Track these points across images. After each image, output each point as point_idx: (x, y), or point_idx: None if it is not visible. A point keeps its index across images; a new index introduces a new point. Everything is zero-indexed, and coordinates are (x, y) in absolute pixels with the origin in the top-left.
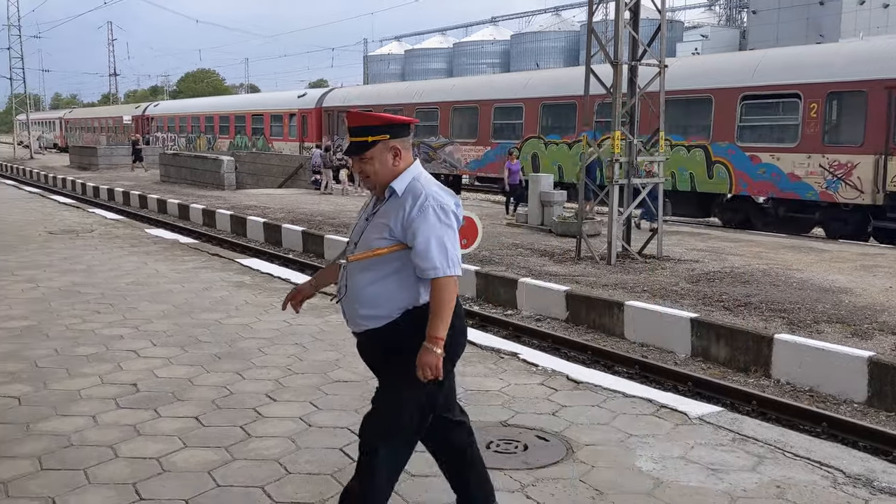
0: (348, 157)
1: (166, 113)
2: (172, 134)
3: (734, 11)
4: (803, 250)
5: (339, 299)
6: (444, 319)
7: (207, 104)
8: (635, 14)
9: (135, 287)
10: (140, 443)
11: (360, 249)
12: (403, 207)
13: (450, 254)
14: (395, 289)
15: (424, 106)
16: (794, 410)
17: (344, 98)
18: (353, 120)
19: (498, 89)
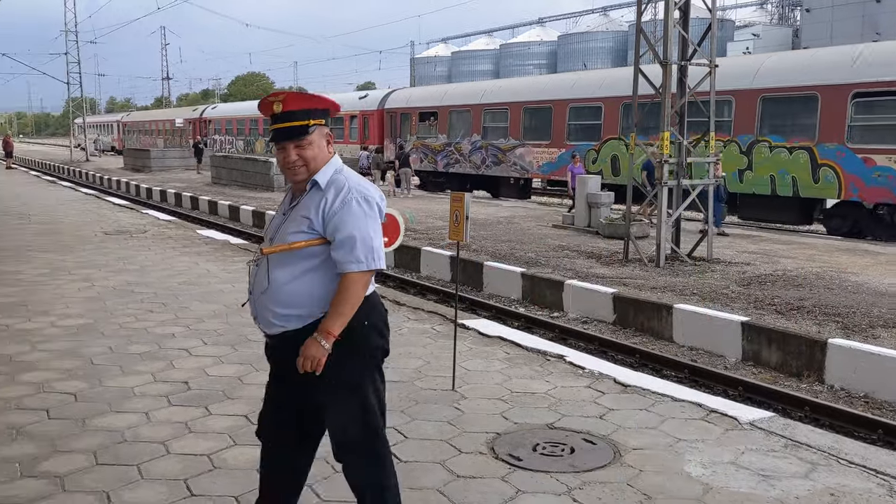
0: (275, 143)
1: (224, 115)
2: (230, 136)
3: (787, 10)
4: (858, 253)
5: (249, 300)
6: (345, 315)
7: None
8: (685, 13)
9: (186, 287)
10: (191, 440)
11: (276, 244)
12: (325, 199)
13: (375, 247)
14: (317, 286)
15: (493, 106)
16: (848, 417)
17: (407, 99)
18: (294, 102)
19: (574, 88)
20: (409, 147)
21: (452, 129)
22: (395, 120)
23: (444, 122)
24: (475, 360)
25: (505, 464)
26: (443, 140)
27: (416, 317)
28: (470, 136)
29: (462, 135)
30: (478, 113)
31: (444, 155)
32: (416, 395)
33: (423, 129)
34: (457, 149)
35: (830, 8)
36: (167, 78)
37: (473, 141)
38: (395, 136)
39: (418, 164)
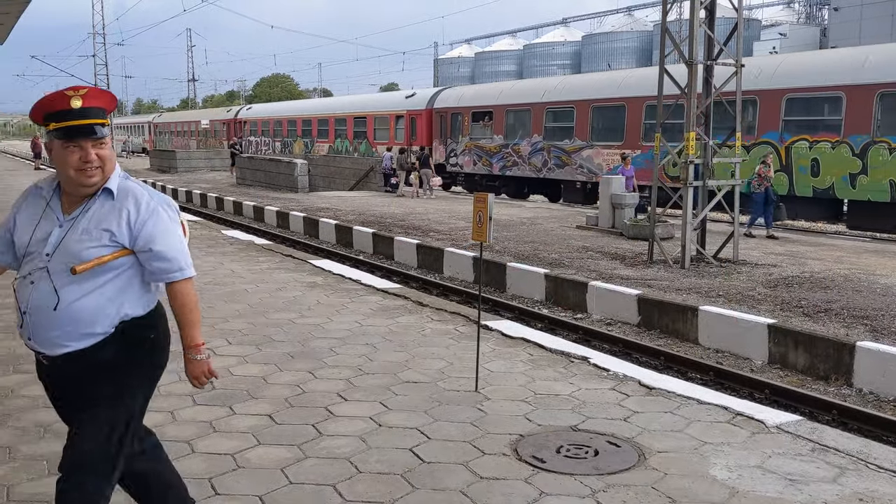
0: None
1: (260, 116)
2: (266, 138)
3: (814, 9)
4: (887, 255)
5: (23, 321)
6: (198, 323)
7: (304, 107)
8: (711, 13)
9: (212, 286)
10: (215, 439)
11: (64, 259)
12: (127, 210)
13: (188, 253)
14: (108, 301)
15: (557, 105)
16: (877, 421)
17: (458, 98)
18: (96, 98)
19: (652, 84)
20: (461, 149)
21: (509, 130)
22: (444, 120)
23: (501, 122)
24: (498, 361)
25: (528, 465)
26: (499, 141)
27: (439, 318)
28: (530, 137)
29: (521, 135)
30: (539, 112)
31: (499, 157)
32: (438, 395)
33: (476, 129)
34: (515, 150)
35: (859, 6)
36: (193, 80)
37: (534, 142)
38: (444, 137)
39: (471, 167)
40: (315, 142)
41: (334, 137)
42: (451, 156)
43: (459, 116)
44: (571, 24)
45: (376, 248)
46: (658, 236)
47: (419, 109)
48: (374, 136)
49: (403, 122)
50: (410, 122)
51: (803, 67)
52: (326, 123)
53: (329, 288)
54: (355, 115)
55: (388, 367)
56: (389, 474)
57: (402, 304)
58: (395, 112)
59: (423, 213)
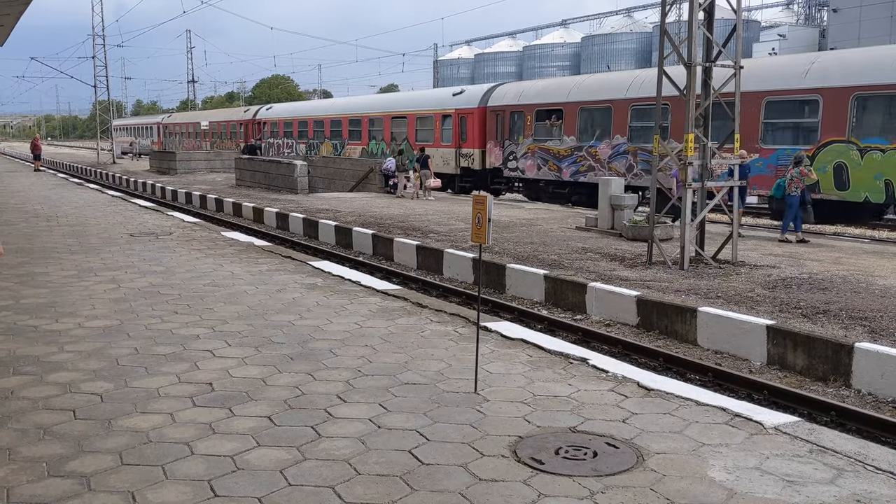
0: None
1: (282, 116)
2: (290, 140)
3: (813, 10)
4: (886, 256)
5: None
6: None
7: (333, 106)
8: (709, 14)
9: (211, 288)
10: (215, 441)
11: None
12: None
13: None
14: None
15: (647, 102)
16: (875, 422)
17: (519, 94)
18: None
19: (772, 77)
20: (522, 152)
21: (583, 130)
22: (502, 119)
23: (572, 121)
24: (497, 362)
25: (527, 467)
26: (570, 143)
27: (438, 319)
28: (610, 138)
29: (598, 136)
30: (622, 110)
31: (570, 161)
32: (438, 397)
33: (540, 130)
34: (591, 153)
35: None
36: (192, 81)
37: (616, 144)
38: (501, 139)
39: (534, 172)
40: (346, 144)
41: (368, 139)
42: (510, 159)
43: (520, 115)
44: (571, 26)
45: (376, 250)
46: (657, 237)
47: (470, 108)
48: (417, 137)
49: (451, 121)
50: (459, 122)
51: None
52: (359, 124)
53: (328, 289)
54: (393, 115)
55: (388, 368)
56: (388, 476)
57: (402, 306)
58: (441, 111)
59: (423, 215)
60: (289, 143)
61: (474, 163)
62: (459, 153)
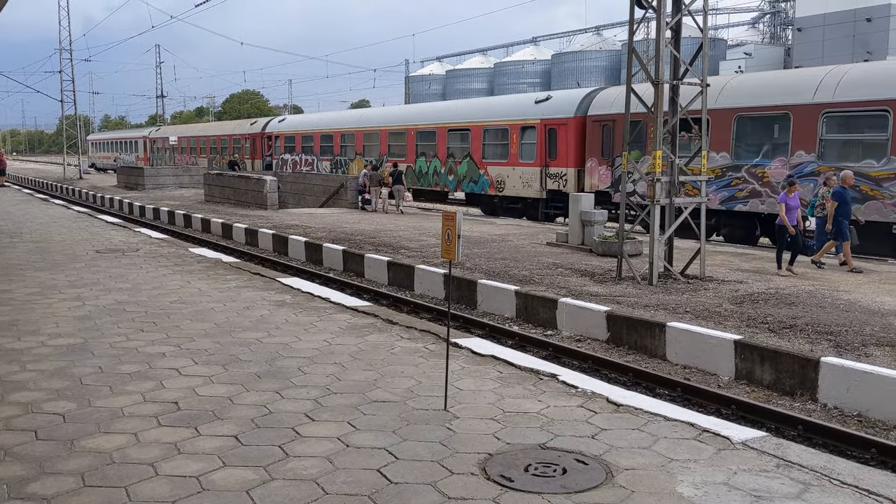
0: None
1: (299, 130)
2: (309, 156)
3: (778, 29)
4: (851, 271)
5: None
6: None
7: (367, 117)
8: (677, 33)
9: (178, 305)
10: (180, 461)
11: None
12: None
13: None
14: None
15: (850, 107)
16: (841, 436)
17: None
18: None
19: None
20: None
21: (741, 145)
22: (609, 132)
23: (724, 132)
24: (468, 379)
25: (496, 485)
26: (721, 161)
27: (408, 336)
28: (787, 155)
29: (766, 152)
30: (807, 118)
31: (721, 184)
32: (407, 415)
33: None
34: (755, 174)
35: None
36: (161, 96)
37: (798, 164)
38: (609, 155)
39: None
40: (384, 161)
41: (415, 155)
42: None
43: (641, 126)
44: (541, 43)
45: (346, 266)
46: (626, 253)
47: (562, 118)
48: (483, 153)
49: (535, 134)
50: (547, 135)
51: None
52: (402, 138)
53: (298, 306)
54: (451, 127)
55: (357, 386)
56: (356, 495)
57: (372, 323)
58: (521, 121)
59: (394, 230)
60: (308, 160)
61: (567, 184)
62: (546, 173)
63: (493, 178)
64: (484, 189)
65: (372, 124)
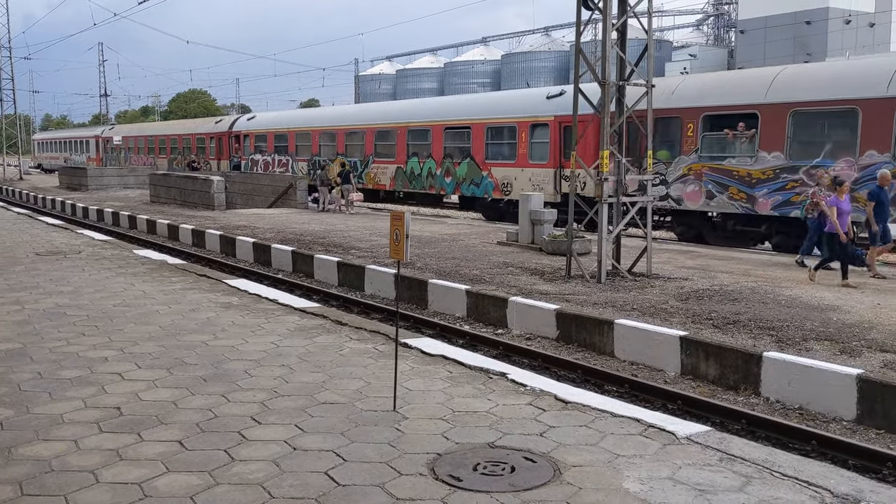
0: None
1: (272, 128)
2: (283, 157)
3: (722, 31)
4: (792, 268)
5: None
6: None
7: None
8: (622, 34)
9: (121, 309)
10: (122, 468)
11: None
12: None
13: None
14: None
15: None
16: (783, 429)
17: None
18: None
19: None
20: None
21: (797, 144)
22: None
23: (776, 130)
24: (417, 379)
25: (445, 485)
26: (772, 162)
27: (357, 336)
28: (855, 156)
29: (828, 152)
30: (878, 113)
31: (774, 187)
32: (356, 416)
33: (713, 143)
34: (817, 176)
35: (763, 29)
36: (105, 95)
37: (868, 165)
38: (635, 155)
39: (699, 201)
40: (371, 161)
41: (407, 155)
42: (655, 183)
43: (673, 123)
44: (491, 44)
45: (296, 267)
46: (575, 251)
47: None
48: (487, 153)
49: (547, 133)
50: (561, 133)
51: None
52: (391, 136)
53: (245, 308)
54: (448, 124)
55: (305, 388)
56: (303, 499)
57: (321, 324)
58: (530, 119)
59: (344, 230)
60: (282, 161)
61: (586, 187)
62: (561, 174)
63: (497, 180)
64: (487, 192)
65: (355, 122)
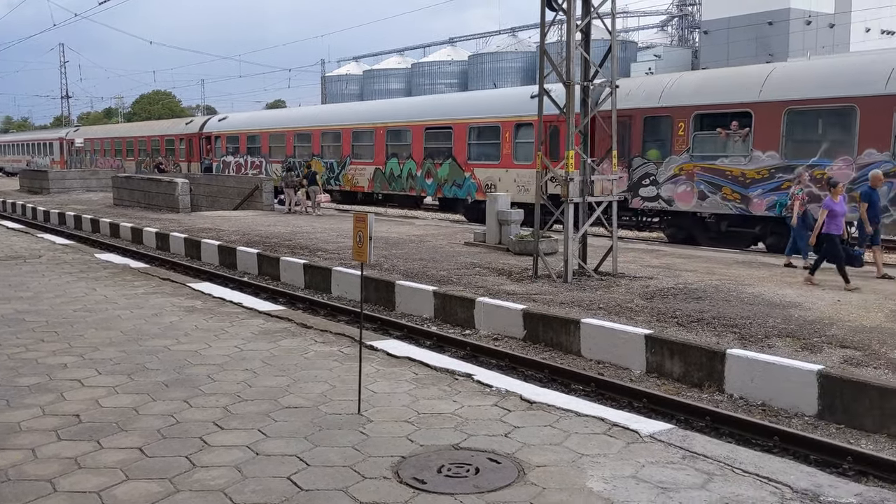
0: None
1: (243, 129)
2: (256, 158)
3: (686, 32)
4: (755, 265)
5: None
6: None
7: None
8: (587, 35)
9: (82, 314)
10: (80, 476)
11: None
12: None
13: None
14: None
15: None
16: (746, 425)
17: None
18: None
19: None
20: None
21: (792, 142)
22: (630, 128)
23: (771, 128)
24: (382, 381)
25: (409, 488)
26: (766, 161)
27: (323, 339)
28: (853, 154)
29: (825, 151)
30: (877, 111)
31: (768, 187)
32: (320, 420)
33: (705, 142)
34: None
35: (726, 30)
36: (67, 96)
37: (869, 163)
38: (626, 156)
39: (692, 202)
40: (349, 162)
41: (385, 156)
42: (644, 184)
43: (664, 122)
44: (458, 44)
45: (262, 270)
46: (542, 251)
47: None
48: (469, 154)
49: (533, 132)
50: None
51: None
52: (370, 136)
53: (208, 312)
54: (429, 124)
55: (268, 392)
56: None
57: (286, 327)
58: (515, 118)
59: (311, 232)
60: (255, 163)
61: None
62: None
63: (481, 181)
64: (470, 193)
65: (332, 122)
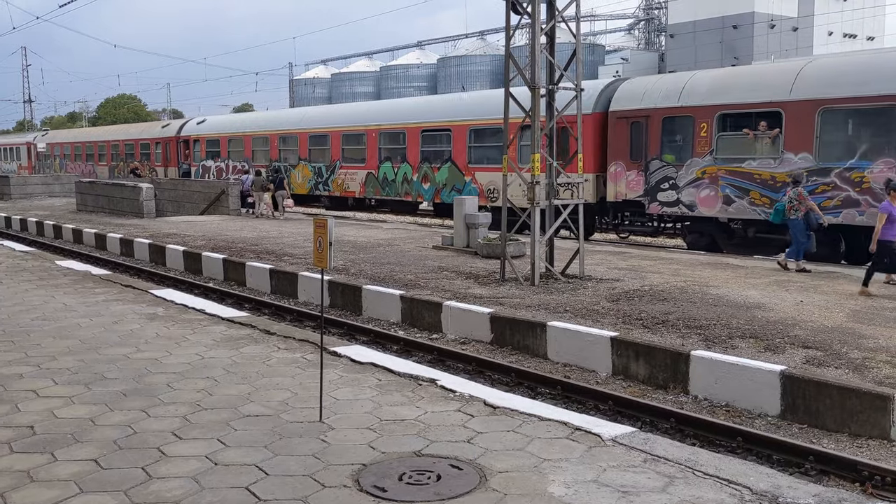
0: None
1: (224, 132)
2: (237, 162)
3: (653, 35)
4: (719, 267)
5: None
6: None
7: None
8: (552, 39)
9: (39, 322)
10: (33, 490)
11: None
12: None
13: None
14: None
15: None
16: (710, 426)
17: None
18: None
19: None
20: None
21: (829, 144)
22: (645, 130)
23: (804, 128)
24: (345, 388)
25: (369, 496)
26: (799, 163)
27: (286, 346)
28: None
29: (865, 153)
30: None
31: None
32: (280, 428)
33: (729, 143)
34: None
35: (692, 34)
36: (29, 101)
37: None
38: (642, 158)
39: (716, 207)
40: (338, 167)
41: (379, 160)
42: (663, 188)
43: (683, 122)
44: (427, 47)
45: (227, 275)
46: (510, 255)
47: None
48: (469, 157)
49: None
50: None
51: None
52: (361, 140)
53: (170, 319)
54: (426, 127)
55: (229, 401)
56: None
57: (248, 334)
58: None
59: (278, 237)
60: (237, 167)
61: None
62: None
63: (483, 185)
64: None
65: (320, 125)
